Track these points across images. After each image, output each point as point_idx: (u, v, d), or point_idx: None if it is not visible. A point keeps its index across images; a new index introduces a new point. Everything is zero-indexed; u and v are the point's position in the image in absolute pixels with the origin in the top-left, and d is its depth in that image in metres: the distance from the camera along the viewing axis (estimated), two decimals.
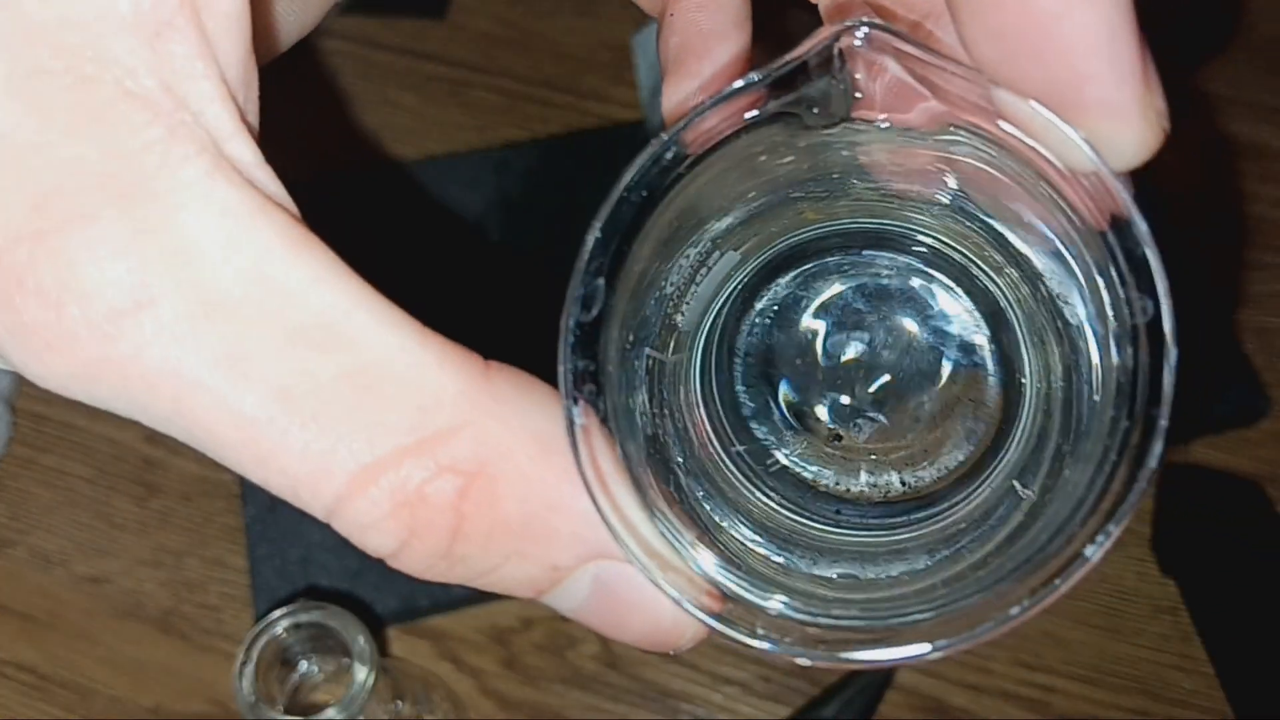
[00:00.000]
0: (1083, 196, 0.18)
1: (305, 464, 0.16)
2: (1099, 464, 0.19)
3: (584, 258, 0.18)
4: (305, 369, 0.16)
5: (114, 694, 0.47)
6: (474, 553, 0.17)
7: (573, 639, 0.48)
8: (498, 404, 0.17)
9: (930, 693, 0.47)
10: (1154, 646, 0.49)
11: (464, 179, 0.58)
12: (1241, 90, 0.65)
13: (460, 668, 0.48)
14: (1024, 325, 0.23)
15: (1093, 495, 0.18)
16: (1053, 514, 0.20)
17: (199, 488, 0.51)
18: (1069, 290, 0.21)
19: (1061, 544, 0.18)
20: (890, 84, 0.20)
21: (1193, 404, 0.56)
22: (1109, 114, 0.18)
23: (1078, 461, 0.20)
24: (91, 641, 0.48)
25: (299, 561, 0.48)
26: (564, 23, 0.66)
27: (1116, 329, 0.19)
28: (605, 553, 0.18)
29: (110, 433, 0.52)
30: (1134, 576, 0.50)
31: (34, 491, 0.51)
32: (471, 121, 0.62)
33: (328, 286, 0.17)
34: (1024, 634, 0.49)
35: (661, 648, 0.19)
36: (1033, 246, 0.22)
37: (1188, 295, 0.61)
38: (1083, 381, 0.21)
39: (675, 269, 0.23)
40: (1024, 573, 0.18)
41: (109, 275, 0.16)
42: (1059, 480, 0.21)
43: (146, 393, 0.16)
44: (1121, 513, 0.18)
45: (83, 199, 0.16)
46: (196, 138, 0.16)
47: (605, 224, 0.19)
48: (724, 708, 0.47)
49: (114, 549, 0.50)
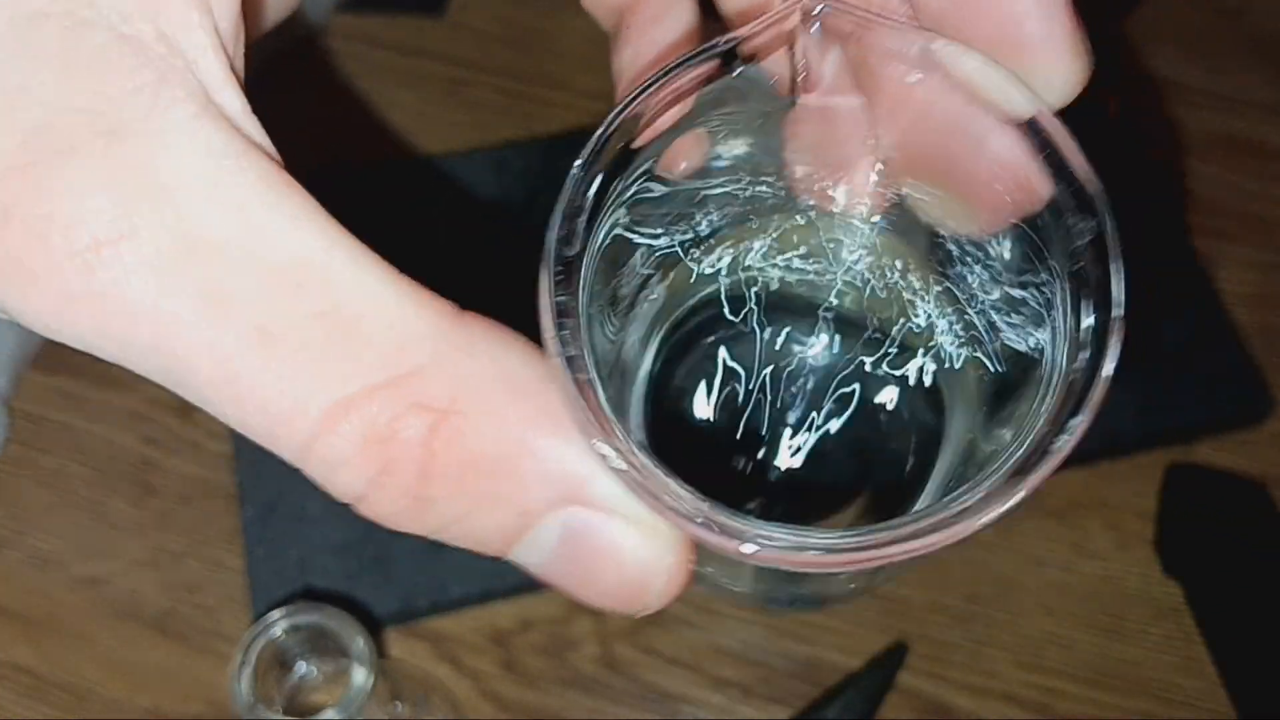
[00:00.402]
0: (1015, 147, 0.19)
1: (279, 402, 0.17)
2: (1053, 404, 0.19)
3: (565, 193, 0.19)
4: (282, 309, 0.17)
5: (111, 695, 0.47)
6: (443, 495, 0.17)
7: (572, 641, 0.48)
8: (470, 345, 0.17)
9: (932, 695, 0.47)
10: (1157, 648, 0.48)
11: (463, 177, 0.58)
12: (1242, 90, 0.64)
13: (459, 669, 0.47)
14: (949, 359, 0.24)
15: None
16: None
17: (197, 489, 0.51)
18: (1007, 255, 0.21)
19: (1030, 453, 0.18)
20: (838, 67, 0.21)
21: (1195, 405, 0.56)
22: (1043, 51, 0.19)
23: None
24: (89, 643, 0.48)
25: (297, 563, 0.48)
26: (564, 21, 0.66)
27: (1066, 267, 0.19)
28: (574, 498, 0.18)
29: (108, 434, 0.52)
30: (1137, 578, 0.50)
31: (31, 492, 0.51)
32: (470, 120, 0.62)
33: (306, 229, 0.17)
34: (1026, 636, 0.48)
35: (628, 604, 0.19)
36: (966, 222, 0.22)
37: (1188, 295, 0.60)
38: (1043, 367, 0.21)
39: (627, 271, 0.23)
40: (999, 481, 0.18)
41: (92, 206, 0.16)
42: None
43: (126, 328, 0.16)
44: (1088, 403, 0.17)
45: (70, 136, 0.16)
46: (186, 84, 0.17)
47: (586, 161, 0.19)
48: (724, 709, 0.47)
49: (111, 550, 0.50)
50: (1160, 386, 0.52)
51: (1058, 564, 0.50)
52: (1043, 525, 0.51)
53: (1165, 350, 0.53)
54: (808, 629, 0.48)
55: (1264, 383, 0.53)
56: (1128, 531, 0.51)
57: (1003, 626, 0.49)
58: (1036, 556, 0.50)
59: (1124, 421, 0.52)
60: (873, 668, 0.46)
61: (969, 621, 0.49)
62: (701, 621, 0.48)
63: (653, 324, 0.25)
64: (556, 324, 0.18)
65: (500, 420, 0.17)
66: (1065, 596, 0.49)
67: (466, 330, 0.17)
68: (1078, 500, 0.51)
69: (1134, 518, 0.51)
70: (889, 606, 0.49)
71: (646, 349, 0.25)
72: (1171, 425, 0.52)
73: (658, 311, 0.25)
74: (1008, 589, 0.49)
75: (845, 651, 0.48)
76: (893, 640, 0.48)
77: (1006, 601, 0.49)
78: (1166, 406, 0.52)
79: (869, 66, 0.21)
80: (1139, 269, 0.61)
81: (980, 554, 0.50)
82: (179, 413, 0.52)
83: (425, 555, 0.48)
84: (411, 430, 0.17)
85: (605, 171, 0.19)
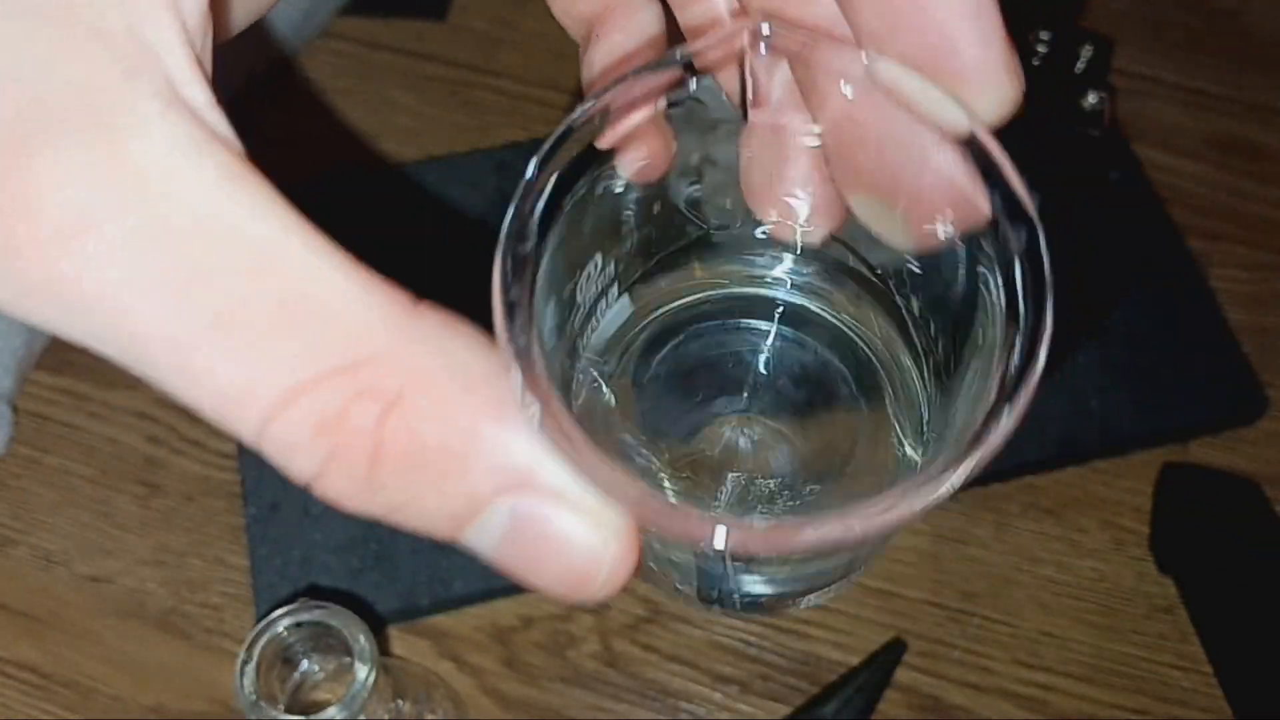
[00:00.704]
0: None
1: (234, 386, 0.17)
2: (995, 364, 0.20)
3: (520, 189, 0.19)
4: (238, 296, 0.17)
5: (115, 693, 0.47)
6: (391, 480, 0.18)
7: (573, 638, 0.48)
8: (423, 335, 0.18)
9: (929, 692, 0.47)
10: (1152, 645, 0.49)
11: (464, 179, 0.58)
12: (1241, 91, 0.65)
13: (461, 667, 0.48)
14: (895, 359, 0.25)
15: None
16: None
17: (200, 488, 0.51)
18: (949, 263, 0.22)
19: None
20: (786, 85, 0.22)
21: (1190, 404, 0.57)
22: (978, 73, 0.20)
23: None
24: (93, 641, 0.48)
25: (300, 561, 0.48)
26: None
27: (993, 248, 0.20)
28: (523, 484, 0.18)
29: (112, 433, 0.52)
30: (1132, 575, 0.50)
31: (36, 491, 0.51)
32: (472, 122, 0.62)
33: (264, 218, 0.17)
34: (1022, 633, 0.49)
35: (575, 590, 0.19)
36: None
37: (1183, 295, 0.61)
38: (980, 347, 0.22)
39: (586, 275, 0.24)
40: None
41: (58, 197, 0.17)
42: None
43: (85, 314, 0.17)
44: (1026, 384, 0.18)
45: (41, 128, 0.17)
46: (154, 78, 0.17)
47: (542, 160, 0.19)
48: (724, 706, 0.47)
49: (115, 549, 0.50)
50: (1155, 386, 0.53)
51: (1054, 562, 0.50)
52: (1039, 523, 0.51)
53: (1161, 350, 0.54)
54: (805, 627, 0.49)
55: (1258, 382, 0.53)
56: (1123, 529, 0.51)
57: (999, 624, 0.49)
58: (1032, 554, 0.51)
59: (1120, 421, 0.52)
60: (871, 664, 0.47)
61: (965, 619, 0.49)
62: (701, 619, 0.49)
63: (618, 329, 0.25)
64: (507, 317, 0.18)
65: (448, 409, 0.18)
66: (1061, 594, 0.50)
67: (420, 321, 0.18)
68: (1074, 498, 0.52)
69: (1129, 516, 0.51)
70: (886, 604, 0.49)
71: (610, 355, 0.25)
72: (1167, 424, 0.52)
73: (624, 318, 0.25)
74: (1004, 586, 0.50)
75: (843, 648, 0.48)
76: (890, 637, 0.48)
77: (1003, 599, 0.49)
78: (1162, 406, 0.52)
79: (815, 85, 0.22)
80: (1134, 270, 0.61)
81: (976, 552, 0.50)
82: (183, 412, 0.53)
83: (427, 554, 0.48)
84: (361, 417, 0.17)
85: (562, 171, 0.20)
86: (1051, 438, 0.51)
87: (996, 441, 0.18)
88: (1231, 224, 0.60)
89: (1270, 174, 0.62)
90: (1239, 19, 0.68)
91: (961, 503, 0.52)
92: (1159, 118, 0.63)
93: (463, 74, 0.64)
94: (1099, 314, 0.54)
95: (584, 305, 0.24)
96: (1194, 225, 0.59)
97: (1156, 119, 0.63)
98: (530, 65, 0.64)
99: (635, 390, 0.26)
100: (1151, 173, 0.60)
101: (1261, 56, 0.66)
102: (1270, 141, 0.63)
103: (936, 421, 0.24)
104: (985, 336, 0.21)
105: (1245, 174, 0.62)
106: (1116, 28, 0.67)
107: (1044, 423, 0.52)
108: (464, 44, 0.65)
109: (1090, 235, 0.57)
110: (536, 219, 0.19)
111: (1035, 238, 0.19)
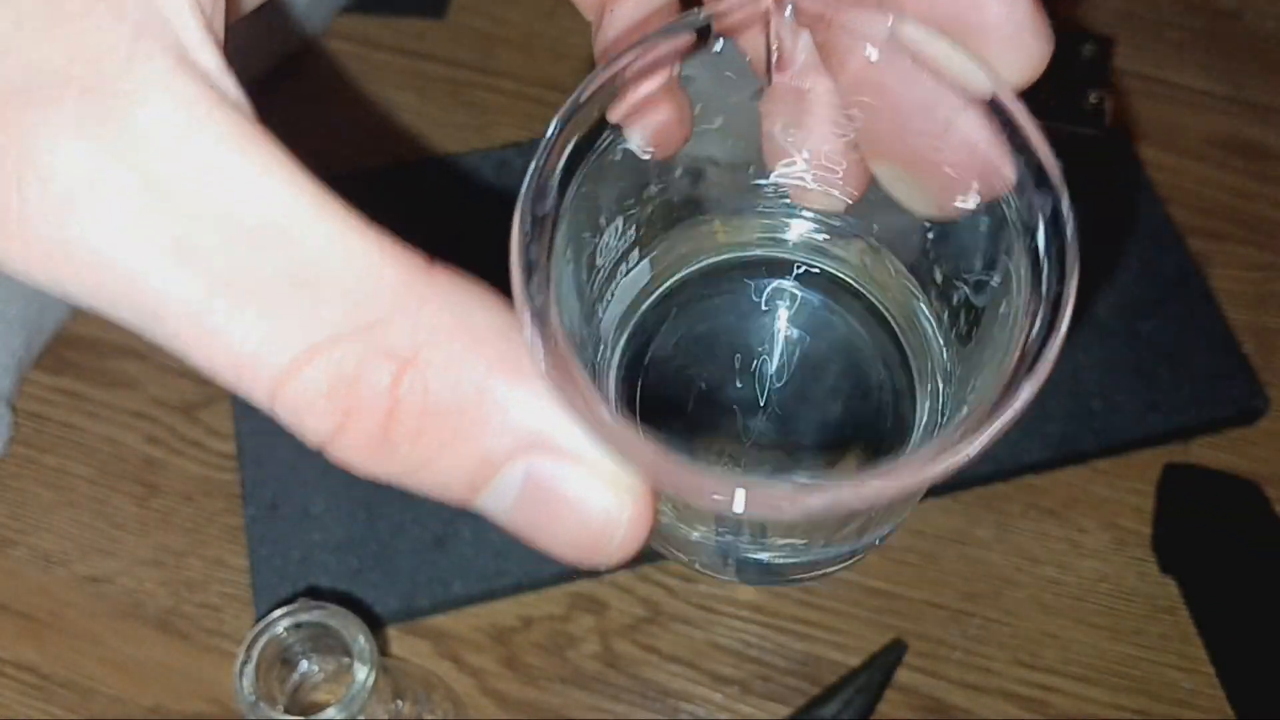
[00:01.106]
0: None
1: (246, 349, 0.17)
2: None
3: (539, 152, 0.19)
4: (249, 259, 0.17)
5: (114, 694, 0.47)
6: (406, 441, 0.18)
7: (573, 638, 0.48)
8: (436, 296, 0.18)
9: (929, 692, 0.47)
10: (1154, 646, 0.49)
11: (465, 178, 0.58)
12: (1241, 90, 0.65)
13: (460, 667, 0.48)
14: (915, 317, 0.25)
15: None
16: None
17: (200, 488, 0.51)
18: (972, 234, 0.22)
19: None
20: (809, 49, 0.21)
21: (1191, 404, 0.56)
22: (1005, 33, 0.20)
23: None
24: (92, 641, 0.48)
25: (299, 561, 0.48)
26: (564, 23, 0.66)
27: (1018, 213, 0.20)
28: (536, 446, 0.18)
29: (111, 434, 0.52)
30: (1133, 576, 0.50)
31: (35, 492, 0.51)
32: (472, 121, 0.62)
33: (275, 181, 0.17)
34: (1023, 633, 0.49)
35: (590, 554, 0.19)
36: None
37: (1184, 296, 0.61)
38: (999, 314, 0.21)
39: (606, 239, 0.23)
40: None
41: (65, 159, 0.16)
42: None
43: (96, 277, 0.17)
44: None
45: (48, 89, 0.17)
46: (163, 41, 0.17)
47: (563, 119, 0.19)
48: (724, 707, 0.47)
49: (115, 549, 0.50)
50: (1156, 386, 0.53)
51: (1055, 562, 0.50)
52: (1040, 523, 0.51)
53: (1162, 350, 0.54)
54: (806, 627, 0.49)
55: (1259, 382, 0.53)
56: (1124, 529, 0.51)
57: (1000, 624, 0.49)
58: (1033, 554, 0.50)
59: (1121, 421, 0.52)
60: (871, 665, 0.47)
61: (966, 619, 0.49)
62: (701, 620, 0.49)
63: (638, 293, 0.25)
64: (525, 277, 0.18)
65: (462, 370, 0.18)
66: (1062, 594, 0.50)
67: (433, 281, 0.18)
68: (1075, 498, 0.52)
69: (1131, 516, 0.51)
70: (886, 604, 0.49)
71: (630, 319, 0.25)
72: (1168, 425, 0.52)
73: (643, 282, 0.25)
74: (1005, 587, 0.50)
75: (843, 649, 0.48)
76: (890, 638, 0.48)
77: (1003, 599, 0.49)
78: (1163, 406, 0.52)
79: (838, 49, 0.22)
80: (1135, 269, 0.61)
81: (977, 552, 0.50)
82: (182, 412, 0.53)
83: (427, 554, 0.48)
84: (375, 378, 0.17)
85: (581, 134, 0.20)
86: (1052, 438, 0.51)
87: (1016, 410, 0.18)
88: (1232, 224, 0.60)
89: (1271, 174, 0.62)
90: (1240, 19, 0.68)
91: (962, 503, 0.51)
92: (1160, 117, 0.63)
93: (463, 74, 0.64)
94: (1100, 314, 0.54)
95: (604, 269, 0.24)
96: (1195, 225, 0.59)
97: (1157, 119, 0.63)
98: (530, 65, 0.64)
99: (643, 370, 0.26)
100: (1152, 172, 0.60)
101: (1262, 56, 0.66)
102: (1271, 141, 0.63)
103: (956, 391, 0.23)
104: (1008, 305, 0.21)
105: (1246, 174, 0.62)
106: (1117, 27, 0.67)
107: (1045, 423, 0.52)
108: (464, 44, 0.65)
109: (1091, 235, 0.57)
110: (556, 178, 0.19)
111: (1060, 204, 0.19)
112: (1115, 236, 0.57)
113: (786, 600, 0.49)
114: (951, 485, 0.51)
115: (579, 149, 0.20)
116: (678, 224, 0.25)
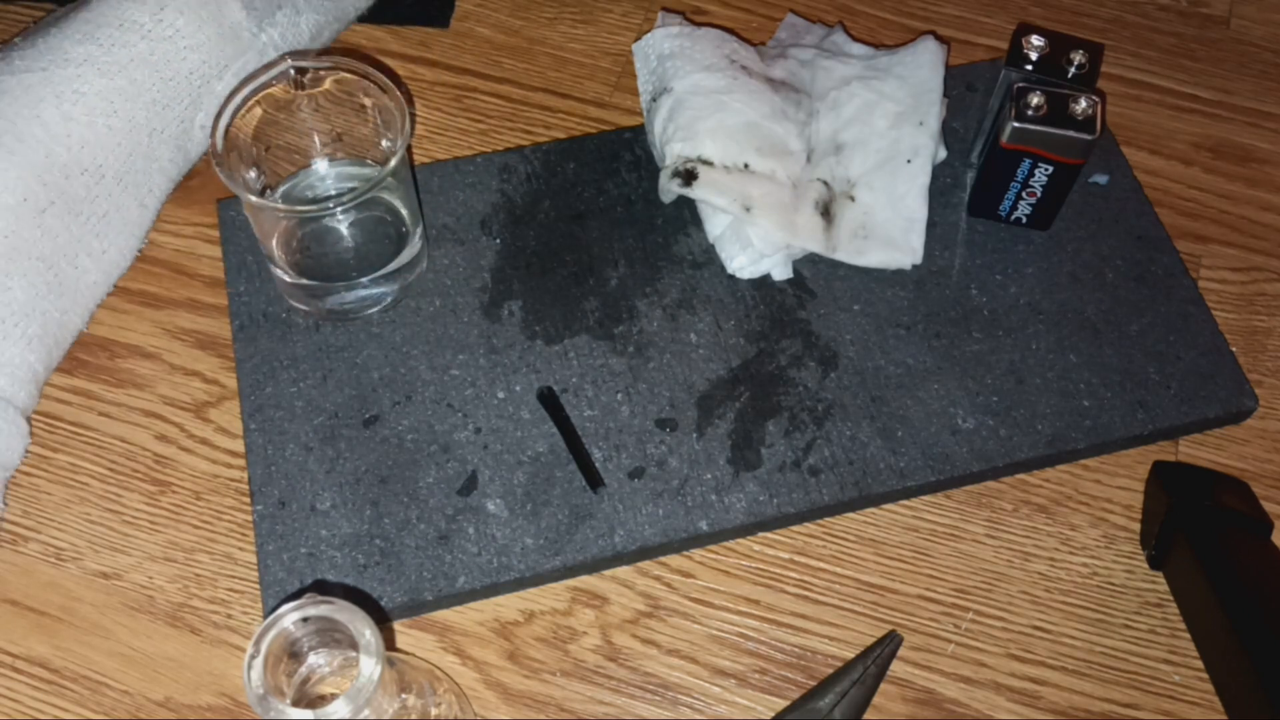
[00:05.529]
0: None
1: None
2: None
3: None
4: None
5: (125, 687, 0.48)
6: None
7: (574, 632, 0.49)
8: None
9: (923, 685, 0.48)
10: (1143, 640, 0.50)
11: (468, 183, 0.59)
12: (1230, 95, 0.66)
13: (464, 660, 0.49)
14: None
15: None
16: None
17: (209, 485, 0.52)
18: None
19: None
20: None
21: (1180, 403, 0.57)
22: None
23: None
24: (103, 636, 0.49)
25: (306, 557, 0.49)
26: (566, 30, 0.67)
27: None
28: None
29: (122, 432, 0.53)
30: (1123, 571, 0.51)
31: (47, 489, 0.52)
32: (475, 127, 0.63)
33: None
34: (1015, 628, 0.50)
35: None
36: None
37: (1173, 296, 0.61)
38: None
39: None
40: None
41: None
42: None
43: None
44: None
45: None
46: None
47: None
48: (722, 700, 0.48)
49: (125, 545, 0.51)
50: (1146, 385, 0.54)
51: (1046, 558, 0.51)
52: (1031, 520, 0.52)
53: (1151, 350, 0.55)
54: (802, 621, 0.50)
55: (1247, 381, 0.54)
56: (1114, 526, 0.52)
57: (992, 619, 0.50)
58: (1025, 551, 0.51)
59: (1110, 419, 0.53)
60: (866, 658, 0.47)
61: (959, 614, 0.50)
62: (699, 614, 0.50)
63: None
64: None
65: None
66: (1053, 589, 0.51)
67: None
68: (1065, 495, 0.53)
69: (1120, 513, 0.52)
70: (881, 599, 0.50)
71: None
72: (1157, 423, 0.53)
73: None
74: (997, 582, 0.51)
75: (839, 643, 0.49)
76: (885, 632, 0.49)
77: (996, 594, 0.50)
78: (1152, 405, 0.53)
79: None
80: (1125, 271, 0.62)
81: (970, 548, 0.51)
82: (192, 411, 0.54)
83: (431, 550, 0.49)
84: None
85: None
86: (1043, 436, 0.52)
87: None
88: (1220, 226, 0.61)
89: (1258, 177, 0.63)
90: (1228, 25, 0.69)
91: (955, 500, 0.52)
92: (1149, 122, 0.64)
93: (467, 80, 0.65)
94: (1090, 314, 0.55)
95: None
96: (1183, 227, 0.60)
97: (1146, 123, 0.64)
98: (533, 72, 0.65)
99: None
100: (1141, 176, 0.61)
101: (1250, 62, 0.67)
102: (1258, 145, 0.64)
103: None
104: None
105: (1234, 177, 0.62)
106: (1107, 33, 0.68)
107: (1036, 421, 0.53)
108: (468, 51, 0.66)
109: (1081, 237, 0.58)
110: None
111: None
112: (1105, 239, 0.58)
113: (783, 595, 0.50)
114: (945, 483, 0.52)
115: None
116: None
